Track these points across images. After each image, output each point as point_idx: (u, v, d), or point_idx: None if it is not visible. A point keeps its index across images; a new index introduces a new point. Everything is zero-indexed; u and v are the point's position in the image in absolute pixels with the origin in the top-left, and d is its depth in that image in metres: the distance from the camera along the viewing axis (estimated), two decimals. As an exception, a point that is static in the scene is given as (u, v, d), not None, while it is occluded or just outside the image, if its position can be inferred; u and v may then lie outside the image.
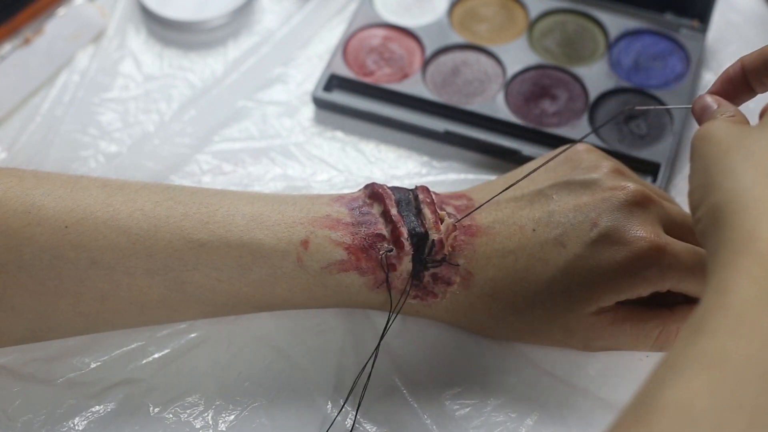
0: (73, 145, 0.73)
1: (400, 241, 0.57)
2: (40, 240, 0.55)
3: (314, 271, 0.57)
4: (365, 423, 0.58)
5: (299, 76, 0.77)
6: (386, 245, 0.57)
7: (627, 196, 0.57)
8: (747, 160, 0.45)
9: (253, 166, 0.72)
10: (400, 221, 0.57)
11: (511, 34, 0.78)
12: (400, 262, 0.57)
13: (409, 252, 0.57)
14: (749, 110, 0.52)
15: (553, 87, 0.74)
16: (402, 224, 0.57)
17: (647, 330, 0.58)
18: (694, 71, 0.75)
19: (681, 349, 0.40)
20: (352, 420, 0.58)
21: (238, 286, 0.57)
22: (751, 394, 0.38)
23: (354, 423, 0.58)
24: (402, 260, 0.57)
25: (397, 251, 0.57)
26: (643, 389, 0.40)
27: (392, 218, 0.57)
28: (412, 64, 0.76)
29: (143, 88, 0.76)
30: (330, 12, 0.80)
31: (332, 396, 0.59)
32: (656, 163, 0.70)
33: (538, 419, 0.58)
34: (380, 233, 0.57)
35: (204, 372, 0.60)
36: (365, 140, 0.74)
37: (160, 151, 0.72)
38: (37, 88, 0.76)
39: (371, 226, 0.58)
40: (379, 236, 0.57)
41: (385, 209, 0.58)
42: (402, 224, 0.57)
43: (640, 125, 0.72)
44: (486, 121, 0.73)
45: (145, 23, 0.80)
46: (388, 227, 0.57)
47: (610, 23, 0.78)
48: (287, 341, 0.61)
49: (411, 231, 0.57)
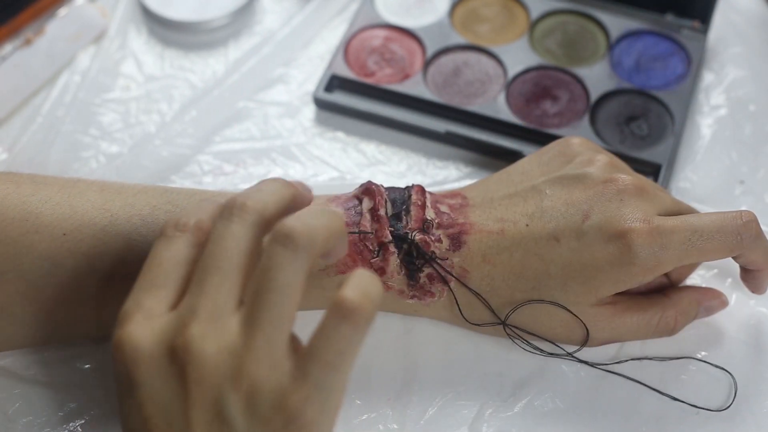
0: (74, 146, 0.73)
1: (383, 241, 0.57)
2: (39, 248, 0.55)
3: (312, 273, 0.57)
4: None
5: (300, 77, 0.77)
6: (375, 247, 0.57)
7: (620, 187, 0.57)
8: None
9: (254, 166, 0.72)
10: (386, 221, 0.57)
11: (512, 35, 0.78)
12: (387, 263, 0.57)
13: (393, 252, 0.57)
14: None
15: (554, 88, 0.74)
16: (386, 225, 0.57)
17: (647, 318, 0.58)
18: (695, 72, 0.75)
19: None
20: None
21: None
22: None
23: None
24: (389, 261, 0.57)
25: (382, 252, 0.57)
26: None
27: (379, 218, 0.58)
28: (413, 65, 0.76)
29: (144, 89, 0.76)
30: (331, 12, 0.80)
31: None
32: (657, 164, 0.70)
33: (539, 419, 0.58)
34: (368, 233, 0.57)
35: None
36: (366, 141, 0.74)
37: (161, 151, 0.72)
38: (38, 88, 0.76)
39: (361, 226, 0.58)
40: (367, 236, 0.57)
41: (374, 208, 0.58)
42: (386, 225, 0.57)
43: (641, 126, 0.72)
44: (487, 121, 0.73)
45: (146, 24, 0.80)
46: (374, 227, 0.58)
47: (611, 24, 0.78)
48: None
49: (393, 232, 0.57)
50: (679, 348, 0.60)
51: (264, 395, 0.43)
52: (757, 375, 0.60)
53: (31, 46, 0.77)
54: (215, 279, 0.45)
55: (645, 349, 0.60)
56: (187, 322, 0.44)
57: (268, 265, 0.44)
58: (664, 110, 0.73)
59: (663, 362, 0.60)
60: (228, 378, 0.43)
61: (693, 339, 0.61)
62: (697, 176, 0.71)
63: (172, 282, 0.47)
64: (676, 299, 0.59)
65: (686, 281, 0.62)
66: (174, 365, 0.44)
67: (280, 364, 0.43)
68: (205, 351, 0.43)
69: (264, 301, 0.44)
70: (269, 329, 0.43)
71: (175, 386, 0.44)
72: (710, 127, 0.73)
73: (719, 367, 0.59)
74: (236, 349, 0.43)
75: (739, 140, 0.72)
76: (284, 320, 0.44)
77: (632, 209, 0.56)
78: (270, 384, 0.43)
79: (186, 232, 0.48)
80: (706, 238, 0.56)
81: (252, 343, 0.43)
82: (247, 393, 0.43)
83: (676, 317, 0.59)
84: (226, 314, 0.44)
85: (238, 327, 0.44)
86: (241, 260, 0.46)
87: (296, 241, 0.44)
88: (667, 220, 0.56)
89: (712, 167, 0.71)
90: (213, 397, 0.43)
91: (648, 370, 0.60)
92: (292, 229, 0.44)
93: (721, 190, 0.70)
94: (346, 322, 0.43)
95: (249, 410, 0.43)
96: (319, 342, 0.44)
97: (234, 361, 0.43)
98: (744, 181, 0.70)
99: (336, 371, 0.44)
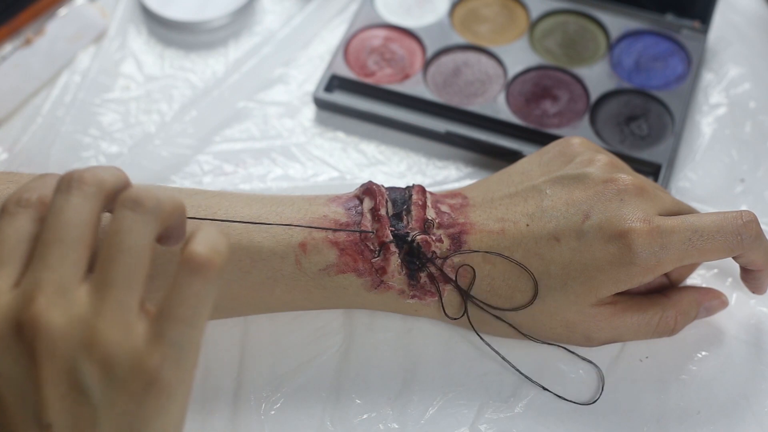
0: (74, 146, 0.73)
1: (384, 241, 0.57)
2: None
3: (313, 273, 0.57)
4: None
5: (300, 77, 0.77)
6: (377, 247, 0.57)
7: (620, 187, 0.57)
8: None
9: (254, 166, 0.72)
10: (386, 221, 0.57)
11: (513, 35, 0.78)
12: (387, 263, 0.57)
13: (394, 252, 0.57)
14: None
15: (554, 88, 0.74)
16: (387, 224, 0.57)
17: (647, 318, 0.58)
18: (695, 72, 0.75)
19: None
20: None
21: (237, 289, 0.57)
22: None
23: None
24: (389, 261, 0.57)
25: (383, 252, 0.57)
26: None
27: (380, 218, 0.58)
28: (413, 65, 0.76)
29: (144, 89, 0.76)
30: (331, 12, 0.80)
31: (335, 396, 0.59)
32: (657, 164, 0.70)
33: (539, 419, 0.58)
34: (369, 232, 0.57)
35: (201, 375, 0.60)
36: (366, 141, 0.74)
37: (161, 151, 0.72)
38: (38, 88, 0.76)
39: (362, 226, 0.58)
40: (367, 236, 0.57)
41: (374, 208, 0.58)
42: (387, 224, 0.57)
43: (641, 126, 0.72)
44: (487, 121, 0.73)
45: (146, 24, 0.80)
46: (375, 227, 0.58)
47: (611, 24, 0.78)
48: (290, 342, 0.61)
49: (394, 232, 0.57)
50: (679, 348, 0.60)
51: (119, 360, 0.42)
52: (757, 374, 0.60)
53: (32, 46, 0.77)
54: (58, 251, 0.43)
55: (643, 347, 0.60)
56: (32, 297, 0.42)
57: (116, 229, 0.43)
58: (664, 110, 0.73)
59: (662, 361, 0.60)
60: (80, 347, 0.42)
61: (693, 339, 0.61)
62: (697, 175, 0.71)
63: (16, 259, 0.44)
64: (676, 299, 0.59)
65: (687, 281, 0.62)
66: (22, 342, 0.42)
67: (134, 326, 0.42)
68: (53, 323, 0.42)
69: (114, 264, 0.42)
70: (120, 293, 0.42)
71: (25, 363, 0.42)
72: (710, 126, 0.73)
73: (587, 359, 0.60)
74: (86, 317, 0.42)
75: (738, 139, 0.72)
76: (135, 283, 0.43)
77: (632, 209, 0.56)
78: (124, 348, 0.42)
79: (29, 207, 0.45)
80: (707, 238, 0.56)
81: (103, 308, 0.42)
82: (101, 360, 0.42)
83: (676, 317, 0.59)
84: (72, 285, 0.43)
85: (86, 296, 0.42)
86: (83, 231, 0.44)
87: (144, 204, 0.43)
88: (667, 219, 0.56)
89: (712, 166, 0.71)
90: (66, 369, 0.42)
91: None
92: (139, 194, 0.43)
93: (721, 189, 0.70)
94: (197, 276, 0.42)
95: (105, 378, 0.42)
96: (171, 300, 0.42)
97: (85, 329, 0.42)
98: (744, 180, 0.70)
99: (191, 327, 0.42)
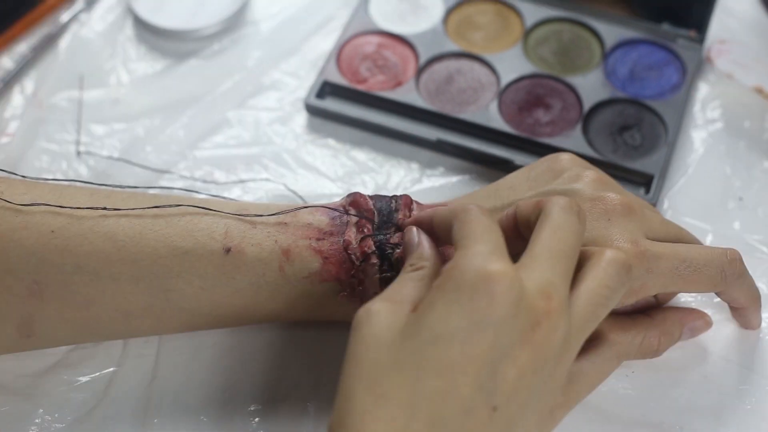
0: (64, 152, 0.72)
1: (366, 251, 0.56)
2: (27, 243, 0.55)
3: (296, 280, 0.57)
4: None
5: (292, 83, 0.77)
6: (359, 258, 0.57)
7: (607, 206, 0.56)
8: (361, 381, 0.46)
9: (245, 172, 0.72)
10: (370, 232, 0.57)
11: (507, 43, 0.77)
12: (366, 274, 0.56)
13: (376, 263, 0.56)
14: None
15: (547, 96, 0.74)
16: (371, 236, 0.57)
17: (629, 338, 0.57)
18: (690, 82, 0.74)
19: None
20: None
21: (221, 295, 0.57)
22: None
23: None
24: (368, 272, 0.56)
25: (365, 264, 0.56)
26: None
27: (363, 229, 0.57)
28: (405, 72, 0.76)
29: (135, 95, 0.76)
30: (324, 18, 0.80)
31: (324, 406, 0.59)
32: (649, 175, 0.69)
33: None
34: (351, 243, 0.57)
35: (197, 383, 0.60)
36: (357, 148, 0.73)
37: (152, 157, 0.72)
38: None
39: (346, 236, 0.57)
40: (350, 246, 0.57)
41: (359, 219, 0.57)
42: (371, 236, 0.57)
43: (635, 136, 0.72)
44: (479, 130, 0.72)
45: (137, 31, 0.80)
46: (357, 237, 0.57)
47: (606, 33, 0.77)
48: (281, 352, 0.61)
49: (377, 243, 0.57)
50: (663, 363, 0.60)
51: None
52: (742, 393, 0.59)
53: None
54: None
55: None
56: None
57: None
58: (658, 120, 0.72)
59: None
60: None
61: (675, 357, 0.60)
62: (690, 188, 0.70)
63: None
64: (660, 320, 0.58)
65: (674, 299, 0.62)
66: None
67: None
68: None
69: None
70: None
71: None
72: (704, 141, 0.73)
73: None
74: None
75: (732, 155, 0.72)
76: None
77: (619, 230, 0.56)
78: None
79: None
80: (693, 270, 0.56)
81: None
82: None
83: (659, 338, 0.58)
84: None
85: None
86: None
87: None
88: (654, 245, 0.56)
89: (705, 179, 0.70)
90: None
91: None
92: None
93: (714, 203, 0.69)
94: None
95: None
96: None
97: None
98: (743, 198, 0.69)
99: None
